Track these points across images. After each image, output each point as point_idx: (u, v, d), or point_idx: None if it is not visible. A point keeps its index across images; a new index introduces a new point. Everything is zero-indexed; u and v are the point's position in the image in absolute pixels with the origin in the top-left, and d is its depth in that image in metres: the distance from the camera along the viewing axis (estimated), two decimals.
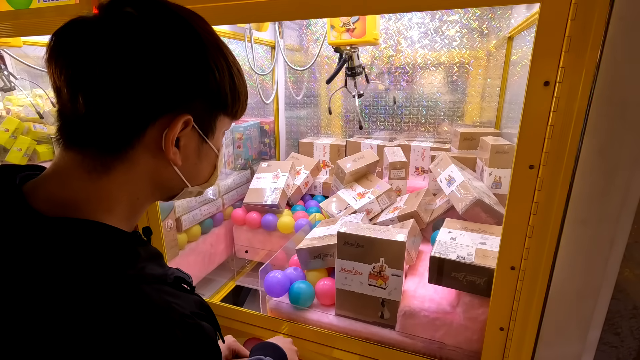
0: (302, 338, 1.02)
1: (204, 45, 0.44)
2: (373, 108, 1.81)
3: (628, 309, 0.78)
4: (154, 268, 0.44)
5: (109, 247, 0.41)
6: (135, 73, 0.40)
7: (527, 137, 0.64)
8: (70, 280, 0.37)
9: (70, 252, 0.38)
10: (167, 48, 0.42)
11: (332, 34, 1.33)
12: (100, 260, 0.39)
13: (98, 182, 0.43)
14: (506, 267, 0.72)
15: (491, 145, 1.24)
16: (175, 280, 0.45)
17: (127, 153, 0.43)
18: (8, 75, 1.88)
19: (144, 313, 0.38)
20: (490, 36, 1.52)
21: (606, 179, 0.62)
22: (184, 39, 0.43)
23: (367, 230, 0.98)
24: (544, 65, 0.60)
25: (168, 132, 0.44)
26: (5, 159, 1.88)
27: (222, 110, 0.49)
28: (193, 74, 0.44)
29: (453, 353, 0.94)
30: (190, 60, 0.43)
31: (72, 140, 0.43)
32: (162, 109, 0.43)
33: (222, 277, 1.72)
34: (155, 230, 1.04)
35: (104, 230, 0.42)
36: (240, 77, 0.49)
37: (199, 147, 0.49)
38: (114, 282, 0.39)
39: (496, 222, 1.10)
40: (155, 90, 0.42)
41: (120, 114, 0.42)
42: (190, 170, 0.50)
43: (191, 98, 0.45)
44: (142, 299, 0.39)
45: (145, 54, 0.41)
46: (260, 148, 1.99)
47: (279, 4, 0.72)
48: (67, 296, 0.36)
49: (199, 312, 0.45)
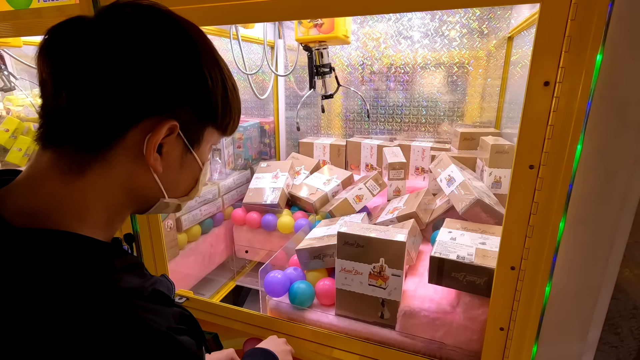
0: (302, 338, 1.02)
1: (197, 52, 0.43)
2: (373, 108, 1.81)
3: (628, 309, 0.78)
4: (130, 280, 0.42)
5: (80, 259, 0.39)
6: (121, 70, 0.39)
7: (527, 137, 0.64)
8: (38, 297, 0.35)
9: (38, 267, 0.36)
10: (159, 48, 0.41)
11: (300, 30, 1.25)
12: (70, 275, 0.37)
13: (72, 184, 0.41)
14: (506, 267, 0.72)
15: (491, 145, 1.24)
16: (152, 293, 0.43)
17: (105, 154, 0.42)
18: (8, 75, 1.88)
19: (116, 331, 0.36)
20: (490, 36, 1.52)
21: (606, 179, 0.62)
22: (178, 43, 0.42)
23: (367, 230, 0.98)
24: (544, 65, 0.60)
25: (151, 136, 0.42)
26: (5, 159, 1.88)
27: (212, 121, 0.47)
28: (183, 77, 0.42)
29: (453, 353, 0.94)
30: (181, 63, 0.42)
31: (51, 138, 0.42)
32: (148, 111, 0.41)
33: (222, 277, 1.72)
34: (155, 230, 1.04)
35: (74, 241, 0.40)
36: (235, 93, 0.48)
37: (182, 156, 0.47)
38: (85, 298, 0.36)
39: (496, 222, 1.10)
40: (141, 90, 0.40)
41: (102, 111, 0.40)
42: (170, 180, 0.47)
43: (179, 103, 0.43)
44: (115, 316, 0.37)
45: (134, 51, 0.40)
46: (260, 148, 1.99)
47: (279, 4, 0.72)
48: (34, 315, 0.35)
49: (177, 327, 0.42)
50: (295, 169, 1.76)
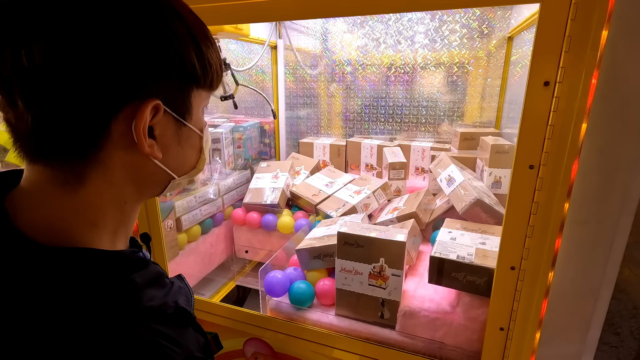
0: (302, 338, 1.02)
1: (158, 13, 0.37)
2: (373, 108, 1.81)
3: (628, 309, 0.78)
4: (154, 296, 0.40)
5: (101, 280, 0.37)
6: (81, 59, 0.33)
7: (527, 137, 0.64)
8: (59, 321, 0.34)
9: (58, 290, 0.35)
10: (115, 21, 0.35)
11: None
12: (92, 299, 0.35)
13: (74, 195, 0.38)
14: (506, 267, 0.72)
15: (491, 145, 1.24)
16: (176, 311, 0.41)
17: (97, 156, 0.38)
18: None
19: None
20: (490, 36, 1.52)
21: (606, 179, 0.62)
22: (133, 8, 0.36)
23: (367, 230, 0.98)
24: (544, 65, 0.60)
25: (137, 123, 0.37)
26: (5, 159, 1.88)
27: (195, 83, 0.42)
28: (150, 49, 0.36)
29: (453, 353, 0.94)
30: (143, 32, 0.36)
31: (33, 152, 0.37)
32: (123, 98, 0.36)
33: (222, 277, 1.72)
34: (155, 230, 1.04)
35: (93, 259, 0.38)
36: (206, 41, 0.42)
37: (177, 132, 0.43)
38: (108, 325, 0.35)
39: (496, 222, 1.10)
40: (110, 76, 0.35)
41: (74, 112, 0.35)
42: (174, 160, 0.44)
43: (154, 78, 0.38)
44: (138, 345, 0.35)
45: (90, 32, 0.34)
46: (260, 148, 1.99)
47: (279, 4, 0.72)
48: (55, 341, 0.33)
49: (196, 356, 0.40)
50: (295, 169, 1.76)
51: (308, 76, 1.89)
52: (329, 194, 1.55)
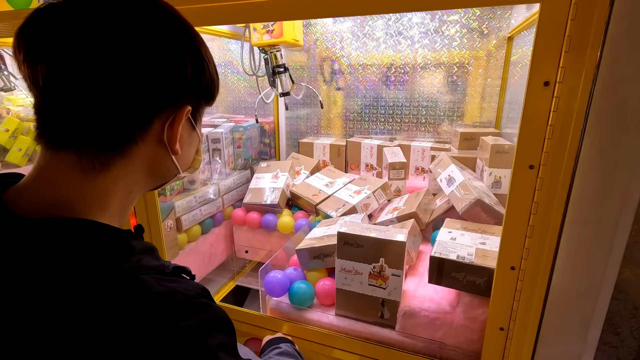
0: (302, 338, 1.02)
1: (197, 37, 0.45)
2: (373, 108, 1.81)
3: (628, 309, 0.78)
4: (150, 260, 0.43)
5: (101, 242, 0.40)
6: (135, 68, 0.39)
7: (527, 137, 0.64)
8: (65, 279, 0.36)
9: (60, 253, 0.37)
10: (166, 38, 0.41)
11: (255, 36, 1.40)
12: (93, 257, 0.38)
13: (94, 179, 0.41)
14: (506, 267, 0.72)
15: (491, 145, 1.24)
16: (173, 271, 0.45)
17: (130, 147, 0.42)
18: (8, 75, 1.88)
19: (147, 300, 0.37)
20: (490, 36, 1.52)
21: (606, 179, 0.62)
22: (182, 32, 0.43)
23: (367, 230, 0.98)
24: (544, 65, 0.60)
25: (175, 124, 0.45)
26: (5, 159, 1.88)
27: (207, 101, 0.51)
28: (196, 67, 0.45)
29: (453, 353, 0.94)
30: (192, 51, 0.44)
31: (61, 141, 0.40)
32: (168, 100, 0.43)
33: (222, 277, 1.72)
34: (155, 230, 1.04)
35: (94, 227, 0.41)
36: (214, 66, 0.51)
37: (189, 135, 0.50)
38: (110, 276, 0.37)
39: (496, 222, 1.10)
40: (161, 81, 0.41)
41: (125, 107, 0.40)
42: (183, 158, 0.51)
43: (190, 90, 0.46)
44: (143, 288, 0.38)
45: (148, 45, 0.40)
46: (260, 148, 1.99)
47: (279, 4, 0.72)
48: (64, 296, 0.35)
49: (203, 293, 0.44)
50: (295, 169, 1.76)
51: (308, 76, 1.89)
52: (329, 194, 1.55)
